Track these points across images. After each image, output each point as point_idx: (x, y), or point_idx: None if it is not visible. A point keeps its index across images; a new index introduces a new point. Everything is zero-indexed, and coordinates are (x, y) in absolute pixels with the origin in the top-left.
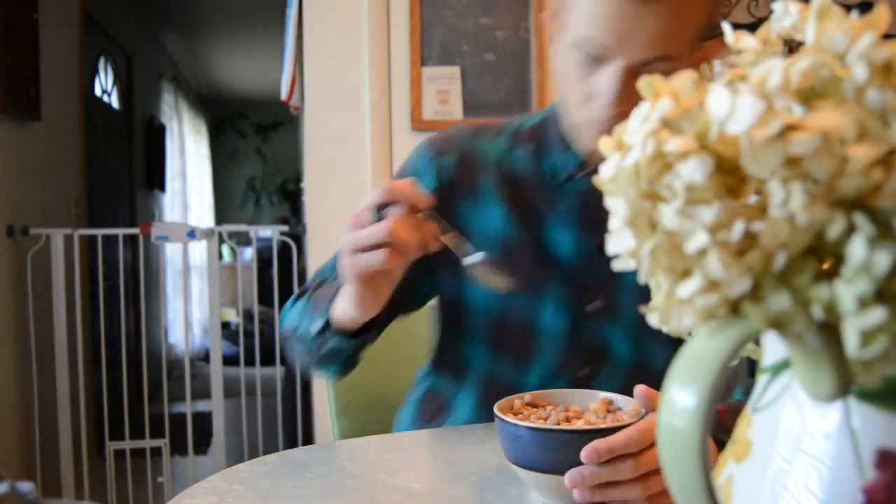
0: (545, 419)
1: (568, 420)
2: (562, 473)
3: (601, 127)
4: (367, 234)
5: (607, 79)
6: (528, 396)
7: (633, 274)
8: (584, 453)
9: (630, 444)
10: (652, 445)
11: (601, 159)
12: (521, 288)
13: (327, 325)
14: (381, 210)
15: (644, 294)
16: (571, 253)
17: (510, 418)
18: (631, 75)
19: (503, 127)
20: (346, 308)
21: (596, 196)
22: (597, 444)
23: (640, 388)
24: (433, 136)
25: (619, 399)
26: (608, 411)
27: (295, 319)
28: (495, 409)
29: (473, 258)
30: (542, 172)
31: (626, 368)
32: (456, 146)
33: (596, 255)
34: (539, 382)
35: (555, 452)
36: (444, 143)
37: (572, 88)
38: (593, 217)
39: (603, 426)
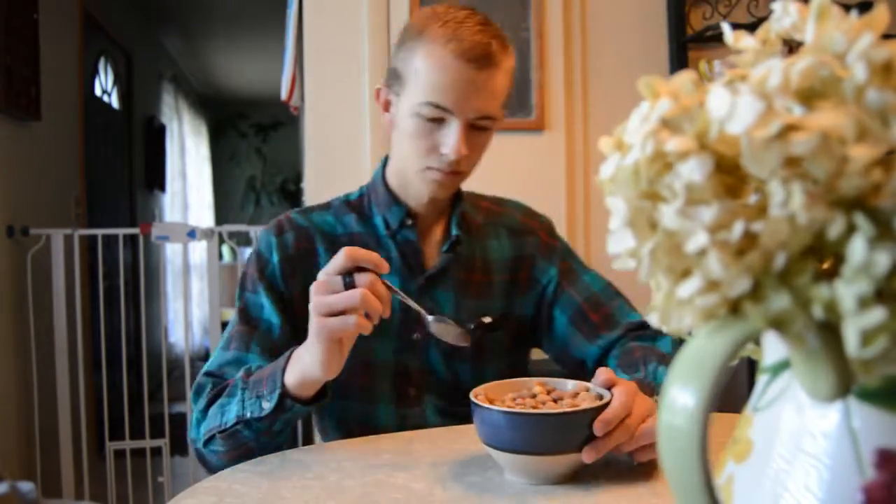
0: (514, 405)
1: (535, 406)
2: (533, 453)
3: (447, 170)
4: (340, 299)
5: (453, 135)
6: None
7: (448, 306)
8: (597, 426)
9: (621, 413)
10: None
11: (430, 208)
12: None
13: (280, 400)
14: (344, 275)
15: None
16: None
17: (488, 405)
18: (468, 130)
19: (330, 204)
20: (308, 371)
21: (418, 245)
22: (603, 417)
23: (600, 371)
24: (269, 225)
25: (555, 382)
26: (548, 392)
27: (217, 418)
28: (472, 397)
29: (434, 319)
30: (372, 227)
31: (445, 385)
32: (292, 226)
33: (416, 295)
34: (384, 411)
35: (529, 434)
36: (280, 226)
37: (415, 143)
38: (418, 262)
39: (573, 409)
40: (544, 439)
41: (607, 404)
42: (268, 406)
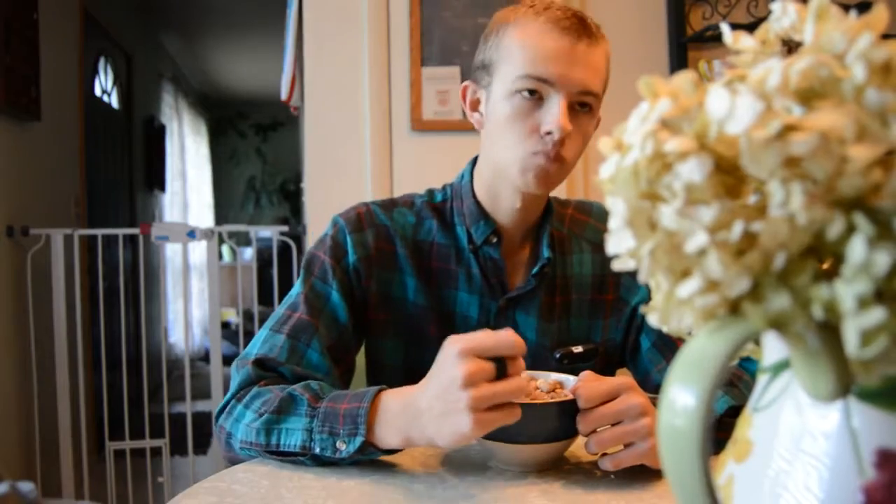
0: None
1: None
2: (520, 442)
3: (552, 153)
4: (505, 392)
5: (556, 108)
6: None
7: (529, 336)
8: (585, 412)
9: (596, 385)
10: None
11: (518, 223)
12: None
13: (361, 446)
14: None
15: (537, 349)
16: (475, 316)
17: None
18: (570, 109)
19: (412, 201)
20: (425, 440)
21: (502, 264)
22: (587, 395)
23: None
24: (346, 213)
25: (539, 374)
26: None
27: (273, 436)
28: None
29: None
30: (455, 238)
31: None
32: (371, 223)
33: (496, 316)
34: None
35: (514, 424)
36: (358, 220)
37: (513, 128)
38: (500, 282)
39: (559, 399)
40: (529, 429)
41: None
42: (344, 449)
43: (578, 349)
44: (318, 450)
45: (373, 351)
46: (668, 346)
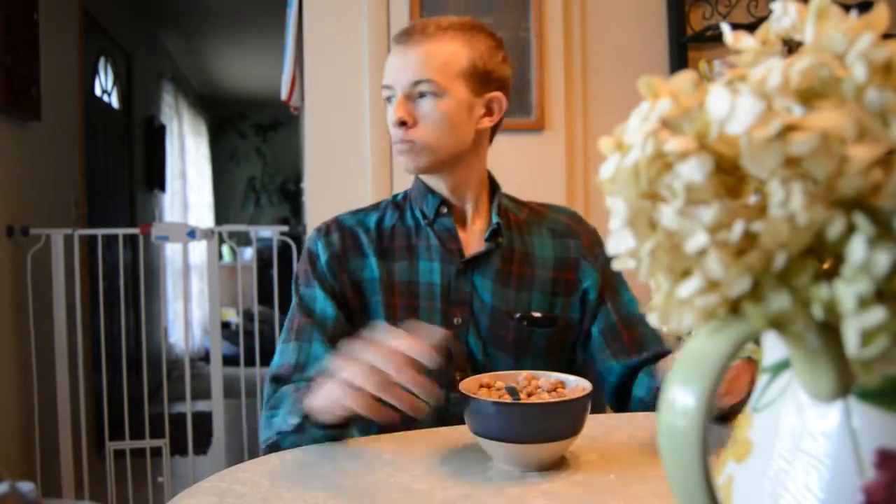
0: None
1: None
2: (520, 442)
3: (397, 140)
4: (410, 380)
5: (392, 105)
6: (485, 378)
7: (486, 298)
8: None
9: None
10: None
11: (460, 196)
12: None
13: (301, 421)
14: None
15: (495, 312)
16: (437, 281)
17: (477, 395)
18: (406, 98)
19: (378, 204)
20: (329, 413)
21: (455, 232)
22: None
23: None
24: (318, 227)
25: (541, 374)
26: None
27: (267, 430)
28: (461, 388)
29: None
30: (414, 219)
31: (481, 373)
32: (338, 227)
33: (456, 278)
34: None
35: (515, 423)
36: (328, 228)
37: (388, 122)
38: (457, 248)
39: (559, 399)
40: (530, 428)
41: (590, 394)
42: (293, 422)
43: (537, 315)
44: (285, 427)
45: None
46: (615, 336)
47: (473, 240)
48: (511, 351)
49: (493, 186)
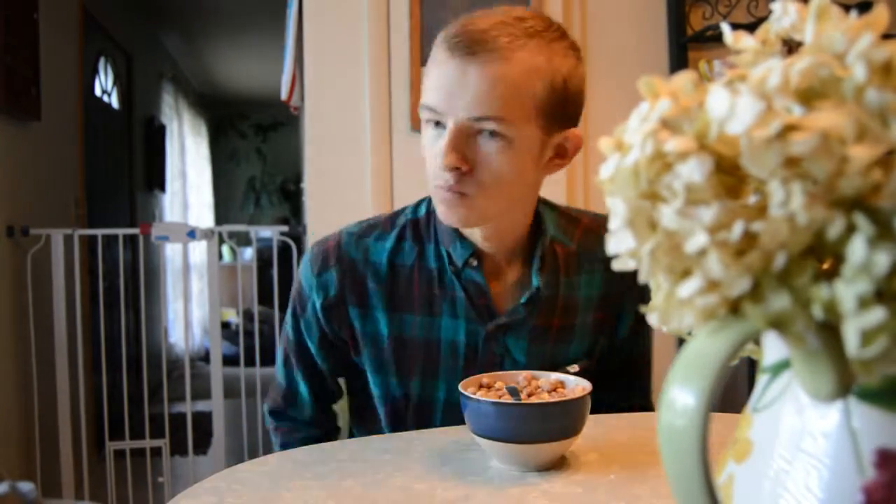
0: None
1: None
2: (520, 442)
3: (444, 186)
4: None
5: (442, 139)
6: (485, 378)
7: (520, 359)
8: None
9: None
10: None
11: (497, 246)
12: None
13: None
14: None
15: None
16: (462, 341)
17: (477, 395)
18: (462, 135)
19: (394, 221)
20: None
21: (486, 288)
22: None
23: None
24: (315, 250)
25: (540, 374)
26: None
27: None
28: (460, 388)
29: None
30: (438, 259)
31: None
32: (337, 258)
33: (485, 342)
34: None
35: (515, 423)
36: (324, 259)
37: (426, 158)
38: (486, 306)
39: (559, 399)
40: (530, 428)
41: (590, 394)
42: None
43: (574, 368)
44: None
45: (359, 385)
46: (621, 379)
47: (507, 294)
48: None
49: (538, 222)
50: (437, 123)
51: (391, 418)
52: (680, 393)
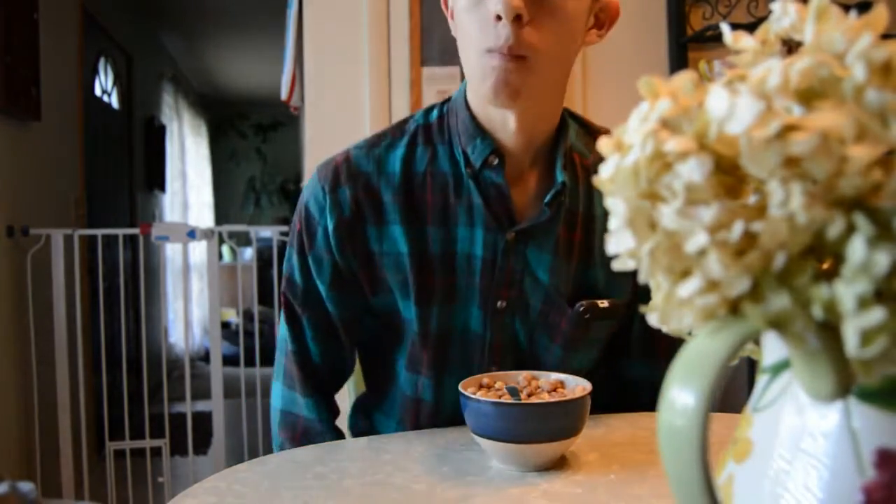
0: (499, 396)
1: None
2: (520, 442)
3: (504, 49)
4: None
5: None
6: (485, 379)
7: (542, 277)
8: None
9: None
10: None
11: (522, 142)
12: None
13: None
14: None
15: (550, 294)
16: (479, 251)
17: (476, 395)
18: None
19: (404, 128)
20: None
21: (507, 190)
22: None
23: None
24: (322, 170)
25: (540, 373)
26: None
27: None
28: (460, 388)
29: None
30: (453, 164)
31: (525, 364)
32: (350, 176)
33: (504, 253)
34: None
35: (515, 423)
36: (336, 175)
37: (469, 23)
38: (506, 211)
39: (559, 399)
40: (530, 428)
41: (590, 394)
42: None
43: (604, 304)
44: None
45: (381, 305)
46: (654, 342)
47: (528, 200)
48: (562, 342)
49: (563, 124)
50: None
51: (408, 360)
52: (680, 393)
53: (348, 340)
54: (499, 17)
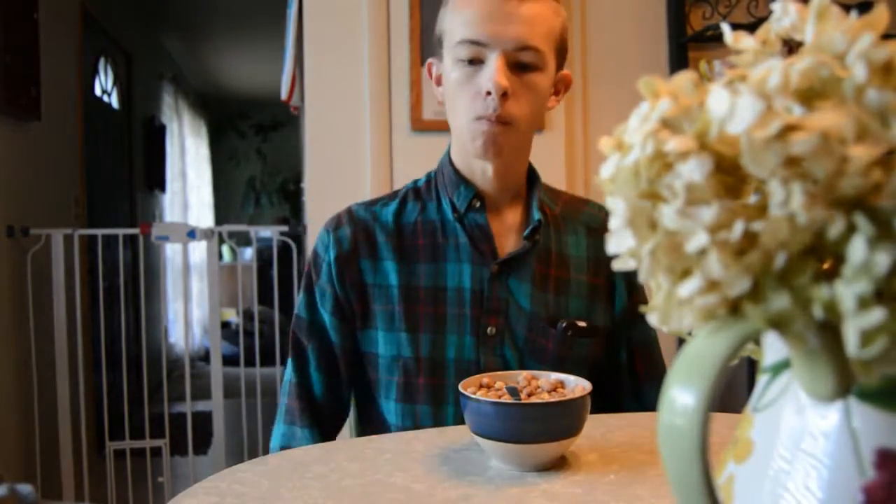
0: (499, 396)
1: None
2: (520, 442)
3: (492, 116)
4: None
5: (490, 67)
6: (485, 379)
7: (524, 304)
8: None
9: None
10: None
11: (499, 188)
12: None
13: None
14: None
15: (534, 320)
16: (468, 286)
17: (476, 395)
18: (508, 65)
19: (396, 193)
20: None
21: (489, 229)
22: None
23: None
24: (328, 221)
25: (540, 374)
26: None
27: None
28: (460, 388)
29: None
30: (439, 212)
31: None
32: (350, 220)
33: (490, 283)
34: (453, 417)
35: (515, 423)
36: (338, 220)
37: (460, 94)
38: (490, 248)
39: (559, 399)
40: (530, 428)
41: (590, 394)
42: None
43: (582, 323)
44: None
45: (366, 343)
46: (632, 372)
47: (508, 238)
48: (550, 363)
49: (533, 175)
50: (471, 62)
51: (402, 391)
52: (680, 393)
53: (346, 374)
54: (489, 93)
